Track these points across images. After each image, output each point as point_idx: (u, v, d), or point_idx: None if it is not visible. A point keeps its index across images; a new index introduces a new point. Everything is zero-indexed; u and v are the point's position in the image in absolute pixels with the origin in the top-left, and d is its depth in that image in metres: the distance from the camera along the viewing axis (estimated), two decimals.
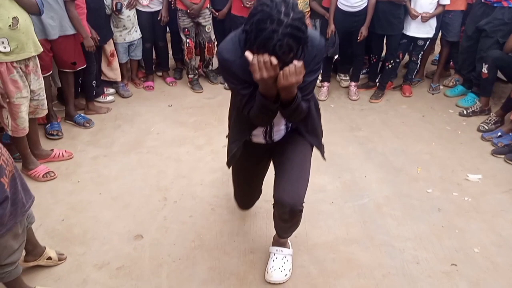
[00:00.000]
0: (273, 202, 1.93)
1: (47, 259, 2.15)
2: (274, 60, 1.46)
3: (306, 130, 1.95)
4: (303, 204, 1.89)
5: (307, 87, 1.72)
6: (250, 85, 1.66)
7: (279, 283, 2.13)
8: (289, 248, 2.24)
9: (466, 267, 2.26)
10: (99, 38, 3.53)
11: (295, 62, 1.50)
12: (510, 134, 3.41)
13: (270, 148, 2.04)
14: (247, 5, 3.81)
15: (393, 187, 2.90)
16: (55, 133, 3.35)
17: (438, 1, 3.78)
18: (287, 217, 1.91)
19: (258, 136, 1.97)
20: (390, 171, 3.08)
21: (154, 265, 2.23)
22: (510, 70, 3.58)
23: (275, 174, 1.99)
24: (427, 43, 4.00)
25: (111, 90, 4.08)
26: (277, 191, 1.90)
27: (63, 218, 2.53)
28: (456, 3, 3.93)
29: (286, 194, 1.85)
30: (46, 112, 2.97)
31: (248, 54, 1.49)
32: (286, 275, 2.14)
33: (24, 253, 2.03)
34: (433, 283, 2.16)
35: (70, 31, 3.23)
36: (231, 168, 2.22)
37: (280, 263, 2.17)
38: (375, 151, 3.34)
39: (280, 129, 1.95)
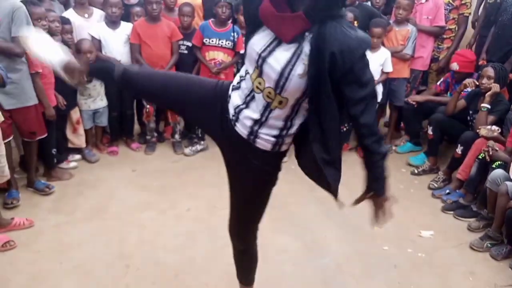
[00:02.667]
0: None
1: None
2: None
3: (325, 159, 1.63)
4: (251, 242, 2.04)
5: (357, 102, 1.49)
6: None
7: None
8: None
9: None
10: (65, 103, 3.63)
11: None
12: (457, 191, 3.65)
13: (227, 140, 1.77)
14: (214, 72, 4.04)
15: (352, 246, 3.02)
16: (9, 202, 3.28)
17: (382, 69, 4.15)
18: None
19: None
20: (349, 230, 3.20)
21: None
22: (451, 132, 3.91)
23: None
24: (376, 107, 4.31)
25: (77, 157, 4.10)
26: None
27: None
28: (400, 71, 4.33)
29: (232, 236, 2.02)
30: (6, 178, 2.97)
31: None
32: None
33: None
34: None
35: (31, 102, 3.26)
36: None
37: None
38: (334, 210, 3.45)
39: (246, 118, 1.65)
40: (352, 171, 4.10)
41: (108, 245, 2.92)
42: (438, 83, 4.37)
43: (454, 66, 4.08)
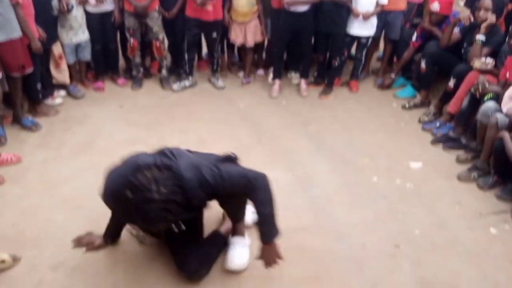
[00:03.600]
0: None
1: (0, 262, 2.12)
2: None
3: None
4: None
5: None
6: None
7: (238, 271, 2.21)
8: (245, 237, 2.32)
9: (408, 247, 2.43)
10: (46, 36, 3.47)
11: None
12: (447, 124, 3.66)
13: None
14: (199, 3, 3.83)
15: (342, 177, 3.05)
16: None
17: (377, 1, 3.98)
18: None
19: None
20: (339, 163, 3.22)
21: (110, 263, 2.25)
22: (445, 65, 3.84)
23: None
24: (370, 40, 4.20)
25: (62, 93, 3.98)
26: None
27: (14, 222, 2.48)
28: (397, 4, 4.15)
29: None
30: None
31: None
32: (244, 263, 2.23)
33: None
34: (378, 264, 2.31)
35: (16, 34, 3.13)
36: None
37: (239, 252, 2.25)
38: (325, 144, 3.48)
39: None
40: (343, 105, 4.13)
41: (97, 180, 2.83)
42: (414, 39, 4.15)
43: (435, 6, 3.90)
